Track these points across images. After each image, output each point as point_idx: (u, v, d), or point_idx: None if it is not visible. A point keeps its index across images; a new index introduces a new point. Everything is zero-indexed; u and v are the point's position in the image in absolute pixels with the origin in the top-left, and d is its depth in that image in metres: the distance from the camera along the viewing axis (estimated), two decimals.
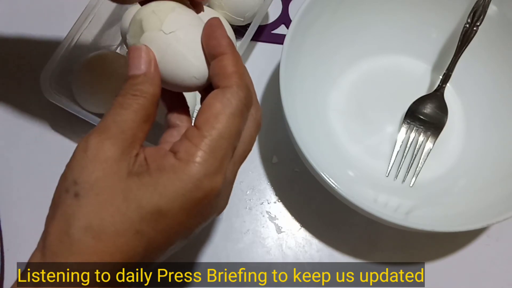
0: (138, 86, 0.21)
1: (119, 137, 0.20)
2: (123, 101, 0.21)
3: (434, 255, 0.36)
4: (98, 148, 0.20)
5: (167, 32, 0.22)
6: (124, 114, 0.21)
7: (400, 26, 0.39)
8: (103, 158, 0.20)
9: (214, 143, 0.20)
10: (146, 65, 0.22)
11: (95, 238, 0.19)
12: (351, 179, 0.36)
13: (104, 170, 0.19)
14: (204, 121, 0.20)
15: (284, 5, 0.43)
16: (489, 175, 0.35)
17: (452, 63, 0.37)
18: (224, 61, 0.21)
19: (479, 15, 0.35)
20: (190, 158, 0.20)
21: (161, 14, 0.22)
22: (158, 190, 0.19)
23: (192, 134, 0.20)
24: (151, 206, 0.19)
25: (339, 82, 0.39)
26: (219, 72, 0.21)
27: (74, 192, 0.19)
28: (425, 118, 0.37)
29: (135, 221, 0.19)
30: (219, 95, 0.21)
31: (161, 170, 0.20)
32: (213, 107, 0.21)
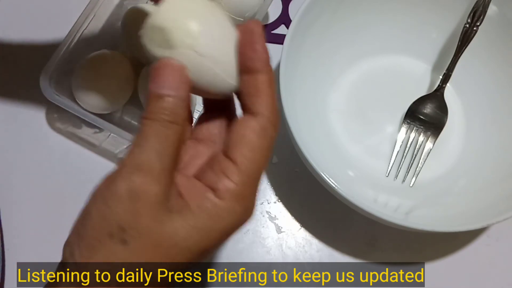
0: (174, 111, 0.20)
1: (162, 176, 0.19)
2: (160, 130, 0.19)
3: (434, 255, 0.36)
4: (144, 191, 0.19)
5: (201, 54, 0.20)
6: (164, 147, 0.19)
7: (400, 26, 0.39)
8: (150, 203, 0.19)
9: (252, 179, 0.20)
10: (183, 87, 0.20)
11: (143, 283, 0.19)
12: (351, 179, 0.36)
13: (152, 217, 0.19)
14: (242, 156, 0.20)
15: (284, 5, 0.43)
16: (489, 175, 0.35)
17: (452, 63, 0.37)
18: (260, 82, 0.20)
19: (479, 15, 0.35)
20: (231, 197, 0.20)
21: (191, 27, 0.19)
22: (205, 233, 0.19)
23: (230, 170, 0.20)
24: (200, 249, 0.20)
25: (339, 82, 0.39)
26: (254, 93, 0.20)
27: (120, 238, 0.19)
28: (425, 118, 0.37)
29: (182, 263, 0.20)
30: (256, 127, 0.20)
31: (205, 211, 0.19)
32: (249, 140, 0.20)
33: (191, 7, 0.20)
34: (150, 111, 0.20)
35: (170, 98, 0.20)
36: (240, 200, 0.20)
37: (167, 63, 0.20)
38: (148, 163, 0.19)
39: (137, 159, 0.19)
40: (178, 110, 0.20)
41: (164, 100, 0.20)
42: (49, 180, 0.37)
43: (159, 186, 0.19)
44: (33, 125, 0.39)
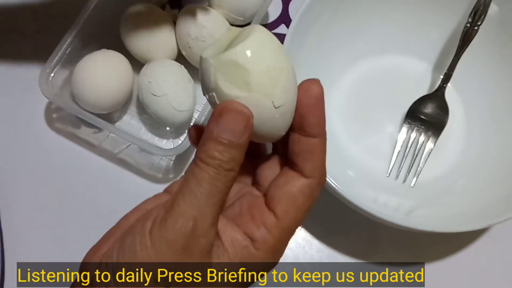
0: (234, 158, 0.19)
1: (213, 226, 0.19)
2: (216, 178, 0.19)
3: (434, 255, 0.36)
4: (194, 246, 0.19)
5: (276, 106, 0.19)
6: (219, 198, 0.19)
7: (400, 26, 0.39)
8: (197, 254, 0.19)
9: (289, 234, 0.21)
10: (246, 135, 0.19)
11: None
12: (352, 179, 0.36)
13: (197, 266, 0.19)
14: (285, 213, 0.20)
15: (284, 5, 0.43)
16: (490, 175, 0.35)
17: (453, 63, 0.36)
18: (315, 147, 0.21)
19: (480, 15, 0.35)
20: (268, 250, 0.20)
21: (275, 74, 0.19)
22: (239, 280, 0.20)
23: (272, 224, 0.20)
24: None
25: (339, 82, 0.39)
26: (307, 157, 0.21)
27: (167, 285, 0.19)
28: (426, 118, 0.37)
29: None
30: (305, 190, 0.21)
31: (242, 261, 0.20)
32: (296, 200, 0.20)
33: (271, 49, 0.19)
34: (207, 154, 0.19)
35: (231, 144, 0.19)
36: (274, 253, 0.20)
37: (237, 108, 0.19)
38: (202, 214, 0.19)
39: (191, 207, 0.19)
40: (236, 157, 0.19)
41: (224, 145, 0.19)
42: (48, 180, 0.37)
43: (209, 237, 0.19)
44: (32, 125, 0.39)
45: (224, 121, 0.19)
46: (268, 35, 0.19)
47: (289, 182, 0.21)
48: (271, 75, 0.19)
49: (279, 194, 0.20)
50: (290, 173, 0.21)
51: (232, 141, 0.19)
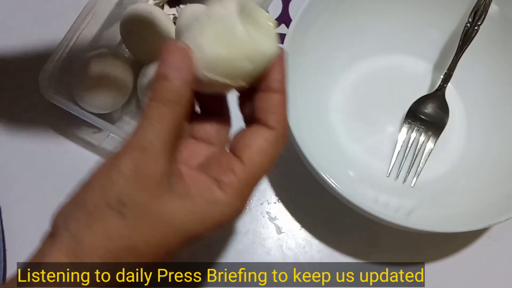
0: (178, 91, 0.20)
1: (162, 155, 0.20)
2: (161, 109, 0.20)
3: (434, 255, 0.36)
4: (143, 169, 0.19)
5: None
6: (164, 127, 0.20)
7: (400, 25, 0.39)
8: (150, 180, 0.19)
9: (253, 180, 0.21)
10: (187, 68, 0.20)
11: (135, 257, 0.20)
12: (352, 179, 0.36)
13: (150, 194, 0.20)
14: (251, 158, 0.21)
15: (284, 5, 0.43)
16: (490, 175, 0.35)
17: (453, 62, 0.36)
18: (277, 101, 0.22)
19: (480, 15, 0.35)
20: (232, 191, 0.21)
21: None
22: (202, 220, 0.20)
23: (238, 168, 0.21)
24: (194, 234, 0.21)
25: (339, 82, 0.39)
26: (271, 110, 0.22)
27: (118, 211, 0.19)
28: (426, 118, 0.37)
29: (175, 245, 0.20)
30: (269, 137, 0.22)
31: (207, 202, 0.20)
32: (260, 146, 0.21)
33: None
34: (155, 92, 0.20)
35: (175, 79, 0.20)
36: (238, 196, 0.21)
37: (175, 44, 0.21)
38: (150, 142, 0.20)
39: (140, 138, 0.20)
40: (182, 91, 0.20)
41: (168, 80, 0.20)
42: (49, 180, 0.37)
43: (160, 164, 0.20)
44: (32, 125, 0.39)
45: (165, 58, 0.20)
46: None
47: (254, 133, 0.22)
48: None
49: (246, 142, 0.21)
50: (255, 126, 0.22)
51: (176, 76, 0.20)
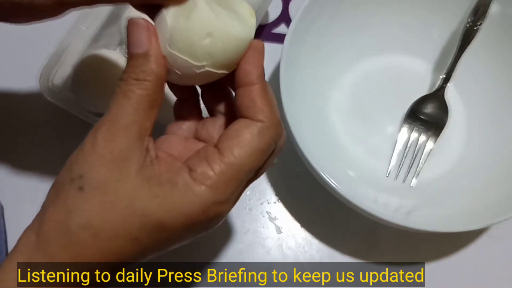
0: (141, 68, 0.20)
1: (126, 132, 0.19)
2: (126, 88, 0.20)
3: (434, 255, 0.36)
4: (105, 145, 0.19)
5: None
6: (128, 104, 0.20)
7: (401, 25, 0.39)
8: (110, 157, 0.19)
9: (233, 173, 0.20)
10: (149, 43, 0.20)
11: (93, 235, 0.19)
12: (352, 179, 0.36)
13: (111, 170, 0.19)
14: (229, 148, 0.20)
15: (284, 4, 0.43)
16: (490, 175, 0.35)
17: (453, 62, 0.36)
18: (254, 94, 0.21)
19: (481, 15, 0.35)
20: (204, 181, 0.19)
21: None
22: (165, 205, 0.19)
23: (213, 157, 0.20)
24: (155, 219, 0.19)
25: (339, 82, 0.39)
26: (251, 105, 0.21)
27: (79, 185, 0.19)
28: (426, 118, 0.37)
29: (135, 229, 0.19)
30: (251, 127, 0.20)
31: (173, 186, 0.19)
32: (241, 136, 0.20)
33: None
34: (123, 72, 0.20)
35: (137, 55, 0.20)
36: (213, 190, 0.19)
37: (134, 21, 0.20)
38: (111, 118, 0.19)
39: (104, 117, 0.20)
40: (146, 67, 0.20)
41: (133, 58, 0.20)
42: (50, 180, 0.37)
43: (121, 143, 0.19)
44: (32, 124, 0.39)
45: (129, 38, 0.20)
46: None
47: (237, 124, 0.21)
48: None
49: (228, 134, 0.20)
50: (241, 119, 0.21)
51: (137, 52, 0.20)
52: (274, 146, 0.21)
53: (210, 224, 0.21)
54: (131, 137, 0.19)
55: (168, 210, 0.19)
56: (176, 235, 0.20)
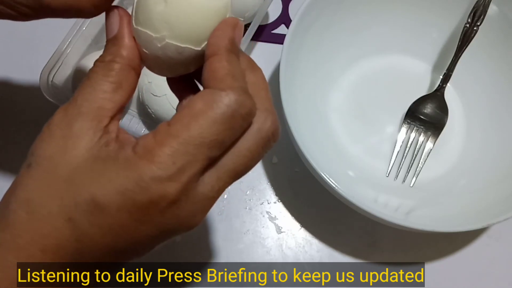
0: (108, 51, 0.20)
1: (80, 111, 0.19)
2: (91, 70, 0.20)
3: (434, 255, 0.36)
4: (58, 123, 0.19)
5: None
6: (89, 85, 0.19)
7: (400, 26, 0.39)
8: (60, 134, 0.19)
9: (178, 146, 0.17)
10: (119, 27, 0.20)
11: (28, 213, 0.18)
12: (351, 179, 0.36)
13: (59, 147, 0.18)
14: (178, 119, 0.18)
15: (284, 5, 0.43)
16: (489, 175, 0.35)
17: (452, 63, 0.37)
18: (215, 64, 0.19)
19: (480, 15, 0.35)
20: (144, 154, 0.17)
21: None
22: (99, 180, 0.18)
23: (159, 129, 0.18)
24: (87, 194, 0.17)
25: (339, 82, 0.39)
26: (208, 76, 0.19)
27: (28, 162, 0.19)
28: (425, 118, 0.37)
29: (69, 207, 0.18)
30: (206, 95, 0.18)
31: (114, 160, 0.18)
32: (192, 106, 0.18)
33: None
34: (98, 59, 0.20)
35: (109, 40, 0.20)
36: (151, 162, 0.17)
37: (111, 9, 0.21)
38: (71, 100, 0.19)
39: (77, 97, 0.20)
40: (113, 50, 0.20)
41: (106, 44, 0.21)
42: None
43: (76, 121, 0.19)
44: (33, 125, 0.38)
45: (105, 27, 0.21)
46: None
47: (194, 96, 0.19)
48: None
49: (179, 106, 0.20)
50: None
51: (108, 37, 0.21)
52: (242, 120, 0.18)
53: (163, 213, 0.18)
54: (85, 116, 0.19)
55: (101, 184, 0.17)
56: (120, 222, 0.18)
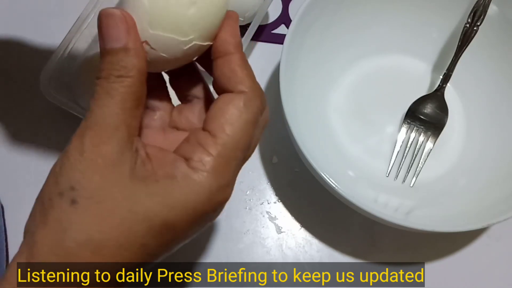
0: (121, 63, 0.18)
1: (114, 134, 0.18)
2: (108, 86, 0.18)
3: (434, 255, 0.36)
4: (95, 150, 0.18)
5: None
6: (113, 104, 0.18)
7: (400, 26, 0.39)
8: (101, 161, 0.18)
9: (230, 152, 0.19)
10: (130, 36, 0.18)
11: (94, 252, 0.17)
12: (351, 179, 0.36)
13: (104, 176, 0.18)
14: (219, 128, 0.19)
15: (284, 5, 0.43)
16: (490, 175, 0.35)
17: (452, 63, 0.37)
18: (233, 64, 0.20)
19: (480, 15, 0.35)
20: (204, 168, 0.18)
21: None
22: (168, 202, 0.18)
23: (206, 141, 0.19)
24: (160, 219, 0.18)
25: (339, 82, 0.39)
26: (230, 75, 0.20)
27: (71, 198, 0.17)
28: (425, 118, 0.37)
29: (141, 235, 0.18)
30: (235, 101, 0.19)
31: (172, 179, 0.18)
32: (228, 114, 0.19)
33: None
34: (100, 69, 0.18)
35: (115, 50, 0.18)
36: (215, 175, 0.18)
37: (104, 13, 0.18)
38: (95, 121, 0.18)
39: (87, 119, 0.18)
40: (127, 62, 0.18)
41: (111, 54, 0.18)
42: None
43: (111, 146, 0.18)
44: (33, 125, 0.39)
45: (103, 31, 0.18)
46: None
47: (220, 101, 0.20)
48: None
49: (213, 114, 0.19)
50: (222, 95, 0.20)
51: (115, 47, 0.18)
52: (261, 116, 0.20)
53: (215, 213, 0.19)
54: (120, 139, 0.18)
55: (172, 207, 0.18)
56: (184, 232, 0.19)
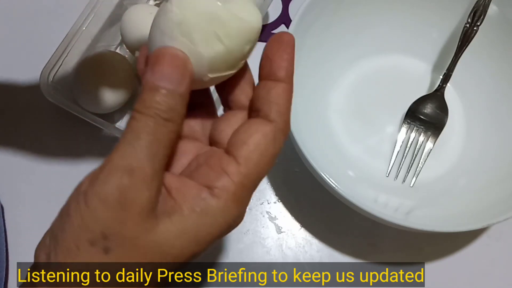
0: (172, 107, 0.18)
1: (155, 179, 0.17)
2: (154, 128, 0.17)
3: (434, 255, 0.36)
4: (134, 198, 0.17)
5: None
6: (158, 148, 0.17)
7: (400, 26, 0.39)
8: (138, 210, 0.17)
9: (253, 183, 0.19)
10: (184, 81, 0.18)
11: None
12: (351, 179, 0.36)
13: (139, 224, 0.17)
14: (246, 157, 0.19)
15: (284, 5, 0.43)
16: (490, 175, 0.35)
17: (452, 63, 0.37)
18: (282, 91, 0.20)
19: (480, 15, 0.35)
20: (228, 197, 0.18)
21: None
22: (197, 238, 0.18)
23: (232, 169, 0.18)
24: (187, 254, 0.18)
25: (339, 82, 0.39)
26: (273, 101, 0.19)
27: (103, 247, 0.17)
28: (425, 118, 0.37)
29: (170, 270, 0.19)
30: (268, 133, 0.19)
31: (200, 216, 0.18)
32: (258, 144, 0.19)
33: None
34: (144, 105, 0.18)
35: (169, 92, 0.18)
36: (236, 202, 0.18)
37: (169, 52, 0.18)
38: (140, 166, 0.17)
39: (127, 159, 0.17)
40: (176, 106, 0.18)
41: (161, 93, 0.18)
42: (50, 180, 0.37)
43: (150, 191, 0.17)
44: (33, 125, 0.39)
45: (160, 68, 0.18)
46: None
47: (251, 127, 0.19)
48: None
49: (241, 139, 0.19)
50: (253, 120, 0.20)
51: (170, 88, 0.18)
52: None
53: (228, 232, 0.20)
54: (158, 186, 0.18)
55: (200, 240, 0.18)
56: (205, 250, 0.20)
